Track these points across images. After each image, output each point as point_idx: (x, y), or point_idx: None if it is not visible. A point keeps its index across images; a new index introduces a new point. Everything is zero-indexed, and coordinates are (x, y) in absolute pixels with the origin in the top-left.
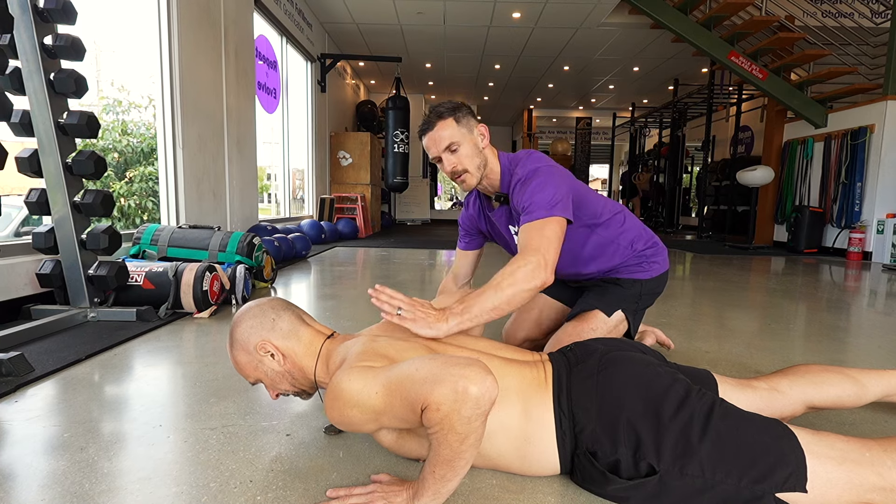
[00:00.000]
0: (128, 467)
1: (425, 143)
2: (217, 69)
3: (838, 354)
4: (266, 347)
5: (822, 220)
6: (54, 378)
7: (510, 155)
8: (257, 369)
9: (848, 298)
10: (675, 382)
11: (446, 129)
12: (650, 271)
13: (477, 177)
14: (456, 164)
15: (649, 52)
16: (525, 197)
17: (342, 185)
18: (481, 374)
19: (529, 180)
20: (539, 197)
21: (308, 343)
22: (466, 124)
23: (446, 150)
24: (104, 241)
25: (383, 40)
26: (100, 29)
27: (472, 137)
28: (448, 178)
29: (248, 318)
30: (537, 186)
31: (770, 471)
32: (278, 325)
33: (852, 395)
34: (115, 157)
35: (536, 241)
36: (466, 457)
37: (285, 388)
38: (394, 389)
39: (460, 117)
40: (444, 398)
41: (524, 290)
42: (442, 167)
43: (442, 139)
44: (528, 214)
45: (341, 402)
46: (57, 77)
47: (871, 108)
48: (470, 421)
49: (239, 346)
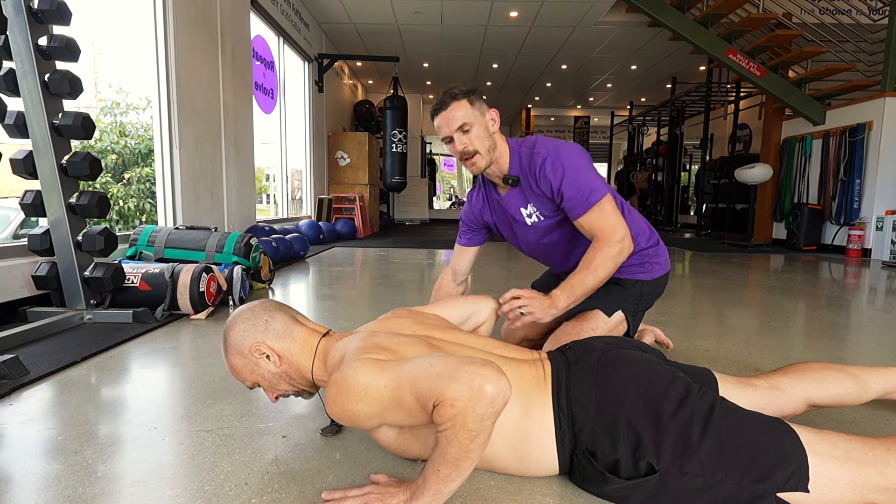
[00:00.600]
0: (123, 470)
1: (437, 123)
2: (214, 69)
3: (838, 352)
4: (261, 349)
5: (821, 217)
6: (50, 380)
7: (518, 139)
8: (254, 372)
9: (847, 295)
10: (675, 381)
11: (460, 110)
12: (652, 272)
13: (486, 160)
14: (467, 145)
15: (647, 51)
16: (566, 183)
17: (340, 186)
18: (497, 373)
19: (559, 159)
20: (582, 181)
21: (303, 342)
22: (479, 107)
23: (458, 131)
24: (100, 242)
25: (381, 40)
26: (98, 31)
27: (484, 120)
28: (458, 159)
29: (240, 321)
30: (573, 169)
31: (771, 470)
32: (271, 326)
33: (853, 393)
34: (114, 158)
35: (607, 221)
36: (473, 457)
37: (284, 389)
38: (404, 384)
39: (474, 100)
40: (460, 394)
41: (615, 265)
42: (453, 148)
43: (455, 119)
44: (584, 202)
45: (347, 396)
46: (51, 78)
47: (869, 105)
48: (483, 419)
49: (233, 350)
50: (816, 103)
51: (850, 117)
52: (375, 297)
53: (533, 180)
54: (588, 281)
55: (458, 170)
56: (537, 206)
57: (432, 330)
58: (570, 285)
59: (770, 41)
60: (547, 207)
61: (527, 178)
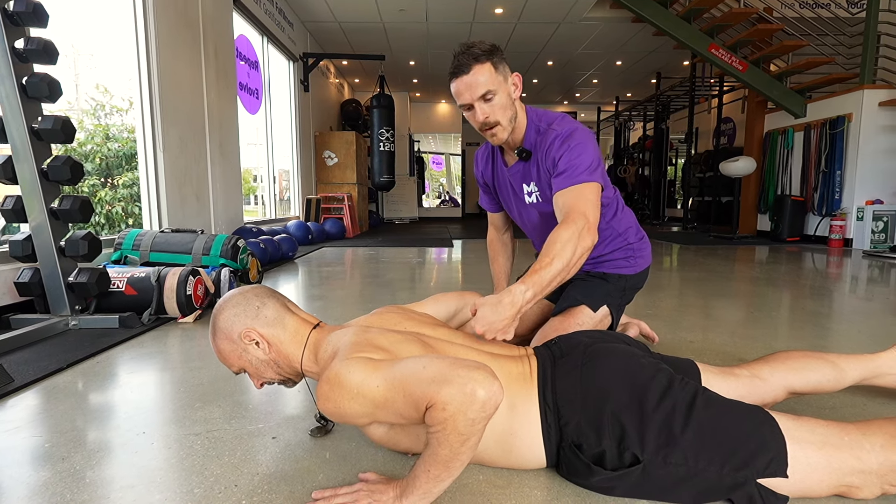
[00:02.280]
0: (111, 476)
1: (456, 88)
2: (197, 70)
3: (820, 340)
4: (251, 336)
5: (804, 208)
6: (35, 388)
7: (538, 110)
8: (241, 358)
9: (830, 285)
10: (658, 373)
11: (483, 75)
12: (635, 266)
13: (508, 130)
14: (489, 115)
15: (631, 46)
16: (565, 157)
17: (328, 185)
18: (489, 378)
19: (570, 139)
20: (580, 160)
21: (294, 331)
22: (503, 71)
23: (480, 99)
24: (83, 247)
25: (366, 38)
26: (77, 32)
27: (507, 87)
28: (476, 127)
29: (231, 305)
30: (578, 148)
31: (751, 457)
32: (263, 312)
33: (832, 380)
34: (98, 161)
35: (581, 204)
36: (463, 458)
37: (270, 377)
38: (397, 385)
39: (497, 62)
40: (452, 398)
41: (583, 252)
42: (472, 115)
43: (478, 85)
44: (571, 178)
45: (339, 394)
46: (29, 81)
47: (848, 98)
48: (474, 423)
49: (222, 334)
50: (797, 96)
51: (830, 110)
52: (365, 297)
53: (542, 154)
54: (556, 266)
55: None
56: (539, 187)
57: (423, 327)
58: (537, 276)
59: (751, 35)
60: (546, 191)
61: (536, 153)
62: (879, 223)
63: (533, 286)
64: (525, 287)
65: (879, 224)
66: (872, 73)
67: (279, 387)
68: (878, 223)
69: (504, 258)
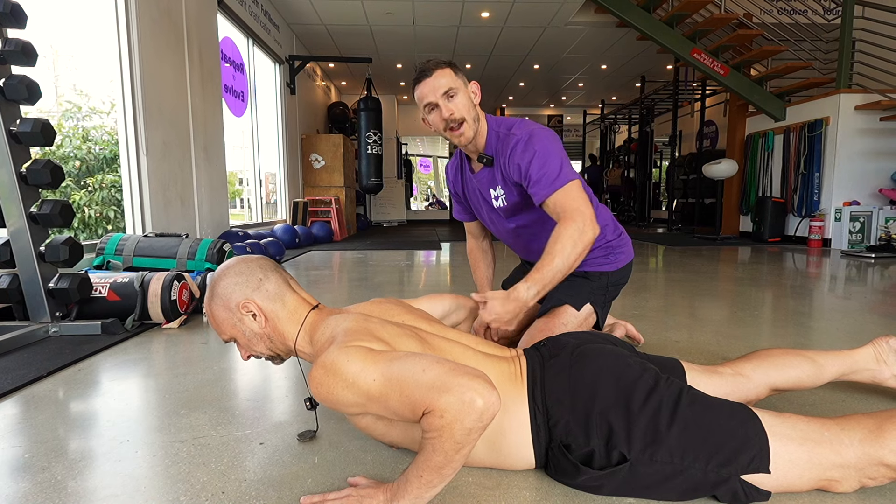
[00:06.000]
0: (93, 486)
1: (420, 92)
2: (181, 72)
3: (801, 338)
4: (249, 307)
5: (784, 209)
6: (14, 397)
7: (497, 117)
8: (235, 327)
9: (810, 284)
10: (644, 372)
11: (445, 77)
12: (616, 262)
13: (473, 129)
14: (454, 112)
15: (616, 50)
16: (535, 165)
17: (315, 188)
18: (488, 387)
19: (531, 143)
20: (551, 165)
21: (293, 310)
22: (462, 77)
23: (444, 96)
24: (64, 252)
25: (353, 41)
26: (56, 32)
27: (467, 91)
28: (442, 131)
29: (233, 273)
30: (543, 152)
31: (735, 454)
32: (265, 285)
33: (812, 376)
34: (77, 164)
35: (572, 203)
36: (456, 465)
37: (260, 351)
38: (394, 383)
39: (456, 70)
40: (450, 406)
41: (584, 247)
42: (438, 115)
43: (440, 85)
44: (551, 185)
45: (334, 381)
46: (7, 83)
47: (825, 101)
48: (470, 432)
49: (220, 301)
50: (777, 100)
51: (809, 113)
52: (354, 300)
53: (504, 160)
54: (557, 263)
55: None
56: (505, 190)
57: (420, 321)
58: (539, 273)
59: (732, 41)
60: (512, 193)
61: (499, 158)
62: (857, 224)
63: (536, 283)
64: (529, 285)
65: (857, 224)
66: (849, 77)
67: (265, 392)
68: (856, 224)
69: (485, 265)
